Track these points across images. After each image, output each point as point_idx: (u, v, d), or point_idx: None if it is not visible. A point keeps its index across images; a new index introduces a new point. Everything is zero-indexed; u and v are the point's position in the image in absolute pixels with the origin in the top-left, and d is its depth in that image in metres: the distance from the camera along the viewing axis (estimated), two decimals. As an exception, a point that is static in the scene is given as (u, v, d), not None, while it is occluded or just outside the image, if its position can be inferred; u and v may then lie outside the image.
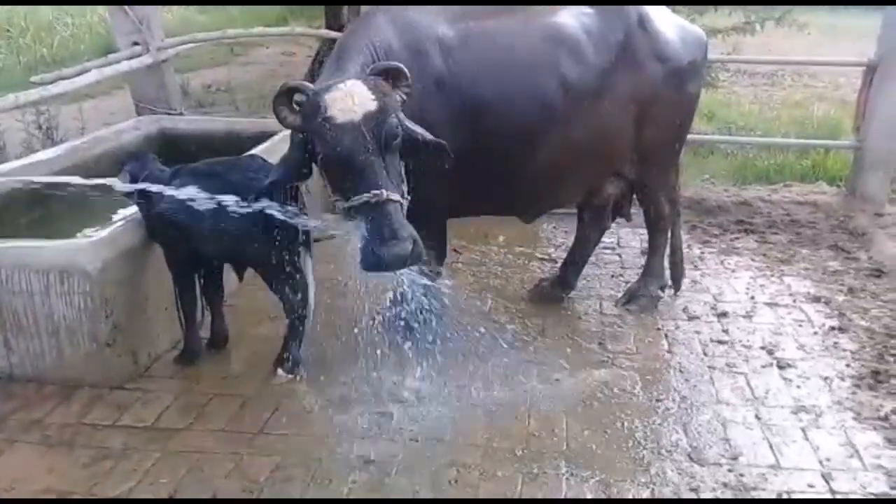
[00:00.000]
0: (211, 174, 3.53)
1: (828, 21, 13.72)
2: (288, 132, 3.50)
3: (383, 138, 3.01)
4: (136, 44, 6.13)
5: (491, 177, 3.71)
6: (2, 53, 12.55)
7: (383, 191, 2.98)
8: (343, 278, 4.78)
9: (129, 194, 3.64)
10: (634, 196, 4.42)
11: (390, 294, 4.27)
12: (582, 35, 3.76)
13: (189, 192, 3.40)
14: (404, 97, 3.14)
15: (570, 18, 3.81)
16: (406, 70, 3.16)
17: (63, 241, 3.68)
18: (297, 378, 3.66)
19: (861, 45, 11.29)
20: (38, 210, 4.40)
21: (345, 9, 9.12)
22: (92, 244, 3.55)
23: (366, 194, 2.97)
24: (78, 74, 5.59)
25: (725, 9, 11.03)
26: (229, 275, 3.88)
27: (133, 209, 3.74)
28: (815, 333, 4.17)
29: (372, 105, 3.00)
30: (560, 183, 3.93)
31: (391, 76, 3.14)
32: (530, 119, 3.66)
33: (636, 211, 4.54)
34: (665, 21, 4.01)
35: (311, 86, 3.16)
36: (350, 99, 2.99)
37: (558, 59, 3.69)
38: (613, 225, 4.70)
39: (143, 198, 3.59)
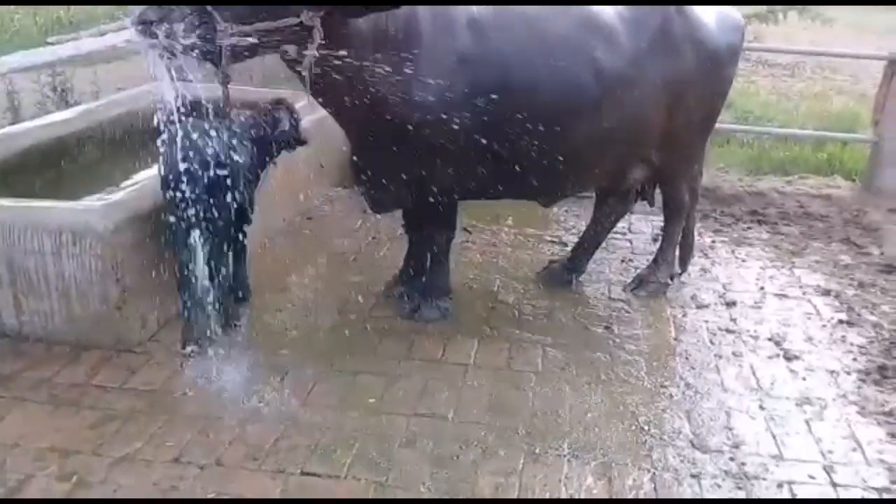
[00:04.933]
0: None
1: (852, 16, 13.58)
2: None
3: None
4: (153, 9, 6.10)
5: (515, 160, 3.69)
6: (18, 14, 12.52)
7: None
8: (353, 254, 4.81)
9: None
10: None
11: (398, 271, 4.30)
12: (618, 21, 3.72)
13: None
14: None
15: (606, 5, 3.76)
16: None
17: (76, 202, 3.69)
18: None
19: (885, 41, 11.21)
20: (52, 171, 4.42)
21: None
22: (105, 206, 3.57)
23: None
24: (94, 38, 5.59)
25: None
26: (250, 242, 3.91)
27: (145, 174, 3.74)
28: (824, 326, 4.16)
29: None
30: (586, 168, 3.91)
31: None
32: (559, 104, 3.63)
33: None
34: (703, 6, 3.96)
35: None
36: None
37: (593, 45, 3.65)
38: (625, 210, 4.69)
39: None
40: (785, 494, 2.93)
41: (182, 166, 3.39)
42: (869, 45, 11.38)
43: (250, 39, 3.03)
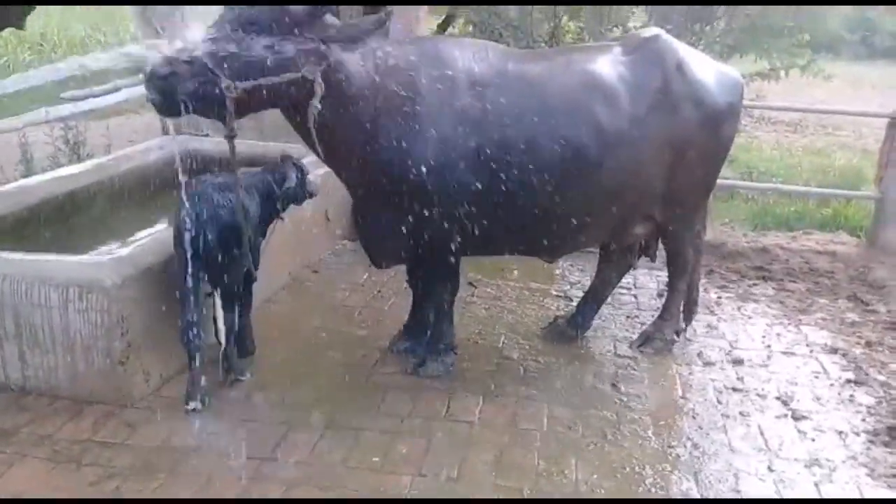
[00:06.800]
0: None
1: (853, 71, 13.81)
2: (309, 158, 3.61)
3: None
4: (166, 64, 6.20)
5: (515, 218, 3.71)
6: (33, 68, 12.76)
7: None
8: (358, 308, 4.81)
9: None
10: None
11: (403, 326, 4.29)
12: (619, 82, 3.77)
13: None
14: None
15: (607, 65, 3.82)
16: None
17: (84, 256, 3.71)
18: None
19: (884, 96, 11.37)
20: (63, 224, 4.46)
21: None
22: (113, 261, 3.59)
23: None
24: (108, 92, 5.68)
25: (751, 55, 11.14)
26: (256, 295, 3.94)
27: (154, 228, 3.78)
28: (832, 386, 4.12)
29: None
30: (587, 226, 3.93)
31: None
32: (560, 165, 3.66)
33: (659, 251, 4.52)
34: (702, 65, 4.02)
35: None
36: None
37: (593, 107, 3.69)
38: (630, 266, 4.69)
39: None
40: (795, 560, 2.88)
41: (193, 221, 3.43)
42: (866, 98, 11.55)
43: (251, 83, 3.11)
